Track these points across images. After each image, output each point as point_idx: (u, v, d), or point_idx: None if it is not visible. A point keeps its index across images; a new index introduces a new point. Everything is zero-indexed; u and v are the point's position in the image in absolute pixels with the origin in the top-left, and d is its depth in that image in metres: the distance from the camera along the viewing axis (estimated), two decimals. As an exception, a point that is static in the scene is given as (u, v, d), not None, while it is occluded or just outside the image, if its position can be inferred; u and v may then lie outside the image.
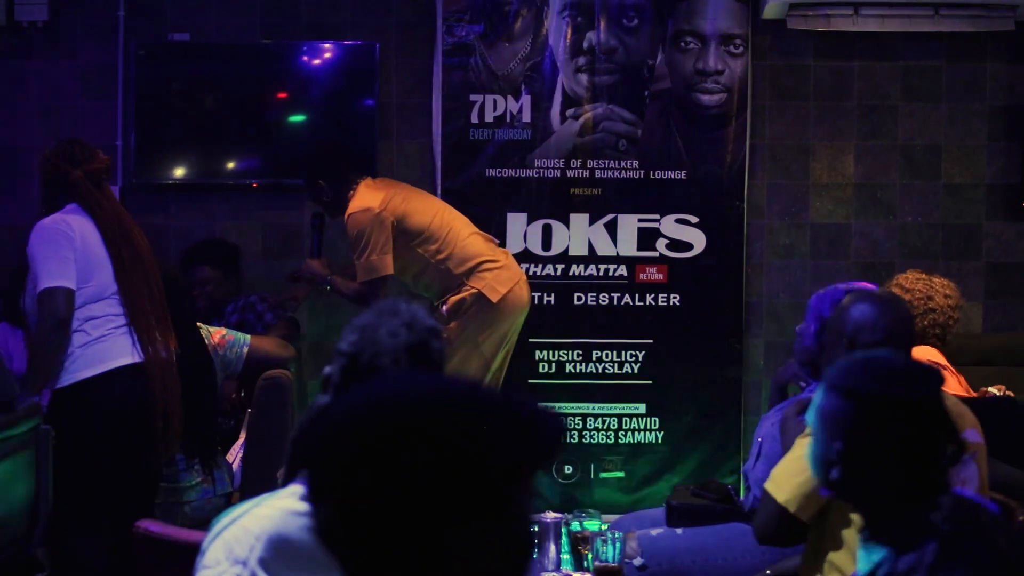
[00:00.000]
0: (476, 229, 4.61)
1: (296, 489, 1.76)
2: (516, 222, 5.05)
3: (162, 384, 3.55)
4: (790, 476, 2.56)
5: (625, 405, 5.10)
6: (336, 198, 4.46)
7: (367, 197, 4.43)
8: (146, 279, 3.62)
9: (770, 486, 2.61)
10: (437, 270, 4.46)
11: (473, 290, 4.41)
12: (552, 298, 5.09)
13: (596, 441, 5.11)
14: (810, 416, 1.96)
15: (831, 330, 2.70)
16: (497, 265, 4.47)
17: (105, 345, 3.53)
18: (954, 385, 3.84)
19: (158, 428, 3.54)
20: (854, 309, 2.63)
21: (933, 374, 1.90)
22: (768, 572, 3.08)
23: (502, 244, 5.02)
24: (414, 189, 4.65)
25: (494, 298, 4.40)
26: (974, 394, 3.97)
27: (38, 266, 3.50)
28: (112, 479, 3.52)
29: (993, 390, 4.03)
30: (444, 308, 4.43)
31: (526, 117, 5.04)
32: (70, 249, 3.50)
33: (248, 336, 4.07)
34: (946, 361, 3.91)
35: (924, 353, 3.84)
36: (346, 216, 4.41)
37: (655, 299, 5.10)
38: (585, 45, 5.05)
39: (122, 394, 3.51)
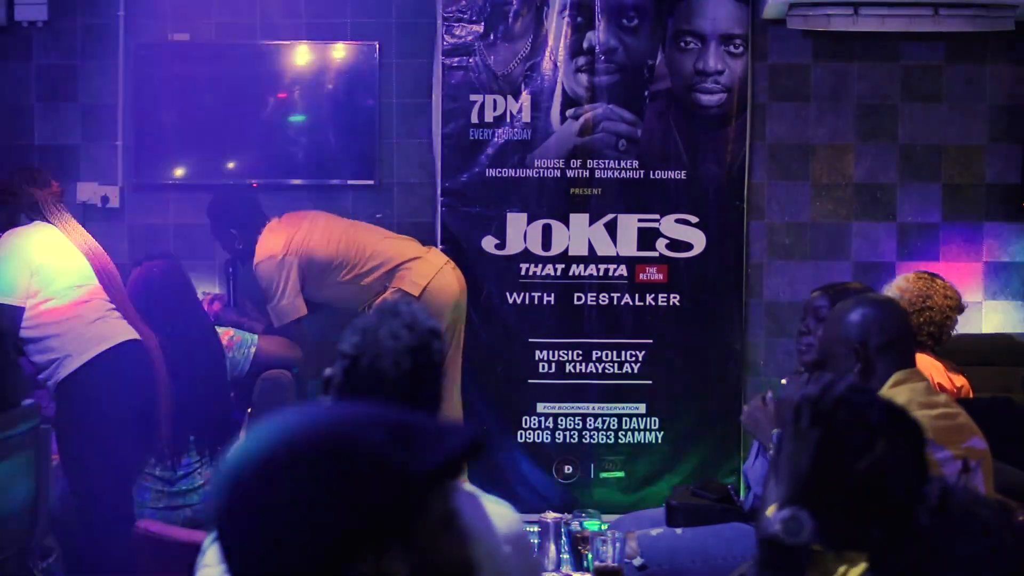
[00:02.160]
0: (389, 234, 4.69)
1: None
2: (516, 222, 5.05)
3: (158, 360, 3.76)
4: None
5: (625, 405, 5.10)
6: (247, 245, 4.53)
7: (269, 243, 4.49)
8: (115, 281, 3.85)
9: None
10: (359, 287, 4.49)
11: (394, 289, 4.44)
12: (552, 298, 5.09)
13: (596, 441, 5.11)
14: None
15: (836, 341, 2.61)
16: (414, 261, 4.52)
17: (108, 323, 3.73)
18: (943, 380, 3.84)
19: (161, 401, 3.71)
20: (855, 315, 2.57)
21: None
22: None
23: (501, 244, 5.03)
24: (317, 217, 4.65)
25: (415, 291, 4.42)
26: (971, 395, 3.97)
27: None
28: (127, 449, 3.67)
29: None
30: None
31: (526, 117, 5.04)
32: (26, 265, 3.70)
33: (255, 336, 4.07)
34: (940, 363, 3.91)
35: (918, 360, 3.83)
36: (253, 266, 4.48)
37: (655, 299, 5.10)
38: (585, 45, 5.05)
39: (134, 364, 3.70)
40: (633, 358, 5.10)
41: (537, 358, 5.08)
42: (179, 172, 5.10)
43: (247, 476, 1.11)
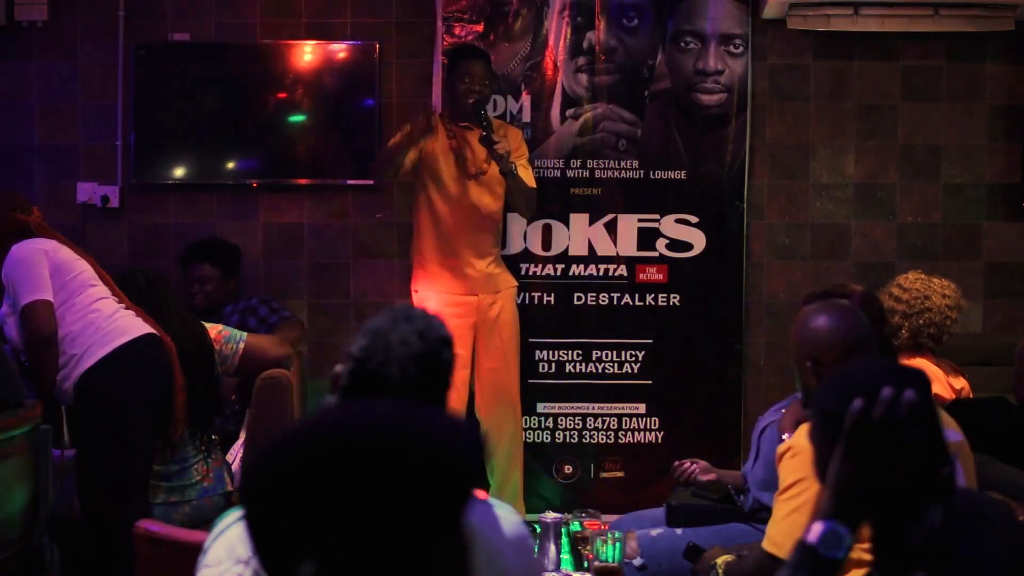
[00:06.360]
0: None
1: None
2: (516, 222, 5.05)
3: (173, 355, 3.72)
4: (791, 534, 2.45)
5: (625, 405, 5.10)
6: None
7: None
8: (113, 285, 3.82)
9: (770, 547, 2.51)
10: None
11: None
12: (552, 298, 5.09)
13: (596, 441, 5.11)
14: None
15: (794, 356, 2.52)
16: None
17: (125, 319, 3.69)
18: (941, 389, 3.84)
19: (176, 396, 3.68)
20: (807, 330, 2.48)
21: (918, 376, 1.83)
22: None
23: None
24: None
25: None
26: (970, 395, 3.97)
27: (16, 287, 3.66)
28: (144, 444, 3.63)
29: None
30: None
31: (526, 117, 5.04)
32: (43, 262, 3.67)
33: (244, 334, 4.06)
34: (938, 368, 3.90)
35: (917, 365, 3.83)
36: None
37: (655, 299, 5.10)
38: (585, 45, 5.05)
39: (154, 357, 3.67)
40: (633, 358, 5.10)
41: (537, 358, 5.08)
42: (179, 172, 5.10)
43: (284, 463, 1.11)
